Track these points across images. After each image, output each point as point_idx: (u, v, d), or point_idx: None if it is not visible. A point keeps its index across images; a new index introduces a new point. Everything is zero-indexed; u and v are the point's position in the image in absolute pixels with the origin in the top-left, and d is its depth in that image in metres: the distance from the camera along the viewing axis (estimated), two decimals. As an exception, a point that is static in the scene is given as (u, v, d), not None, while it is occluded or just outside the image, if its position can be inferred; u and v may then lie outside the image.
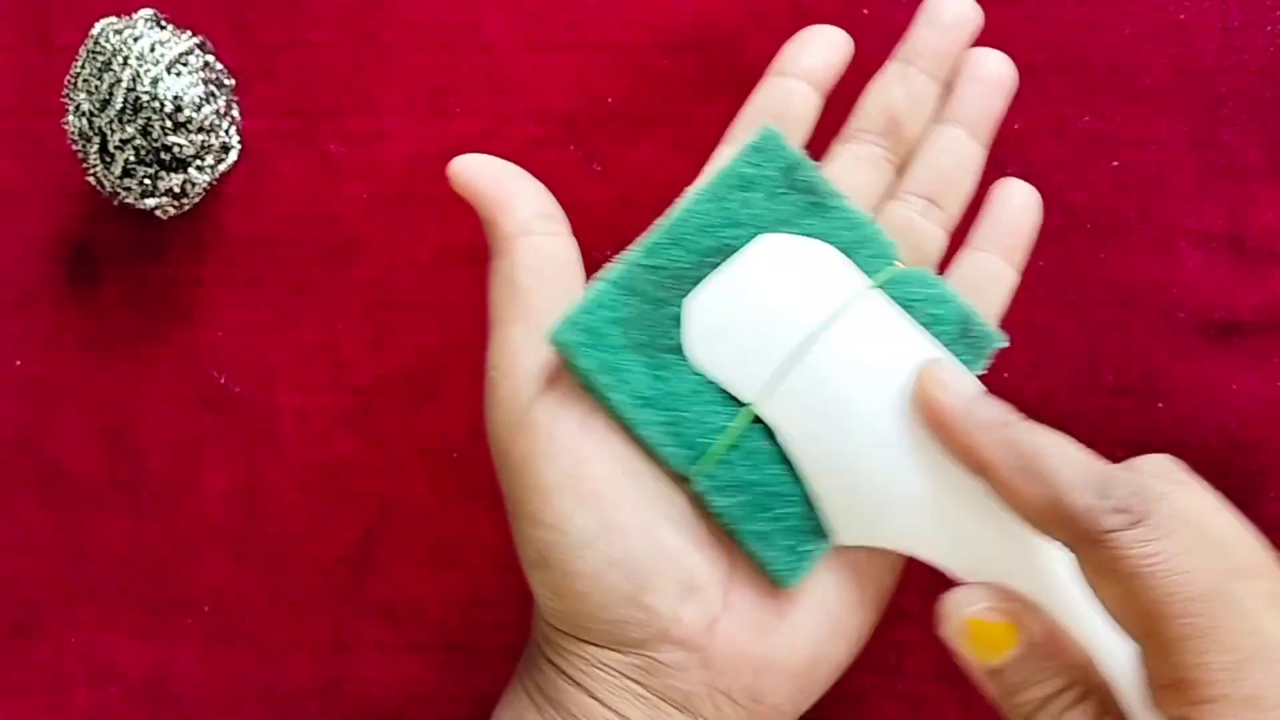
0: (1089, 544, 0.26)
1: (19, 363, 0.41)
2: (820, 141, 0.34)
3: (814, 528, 0.31)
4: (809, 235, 0.32)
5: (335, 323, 0.40)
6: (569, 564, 0.30)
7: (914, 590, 0.32)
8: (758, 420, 0.31)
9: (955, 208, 0.34)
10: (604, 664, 0.31)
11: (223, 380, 0.40)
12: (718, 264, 0.31)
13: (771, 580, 0.31)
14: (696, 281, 0.31)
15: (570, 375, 0.31)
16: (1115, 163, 0.38)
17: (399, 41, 0.40)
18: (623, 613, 0.30)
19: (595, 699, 0.30)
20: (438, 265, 0.40)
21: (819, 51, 0.34)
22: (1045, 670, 0.27)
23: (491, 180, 0.32)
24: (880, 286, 0.32)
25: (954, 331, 0.31)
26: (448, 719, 0.39)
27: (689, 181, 0.33)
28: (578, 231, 0.34)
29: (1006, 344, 0.32)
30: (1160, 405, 0.37)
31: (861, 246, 0.32)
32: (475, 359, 0.32)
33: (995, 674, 0.28)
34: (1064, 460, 0.27)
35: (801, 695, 0.31)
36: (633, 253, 0.32)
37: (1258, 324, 0.37)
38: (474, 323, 0.33)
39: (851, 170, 0.34)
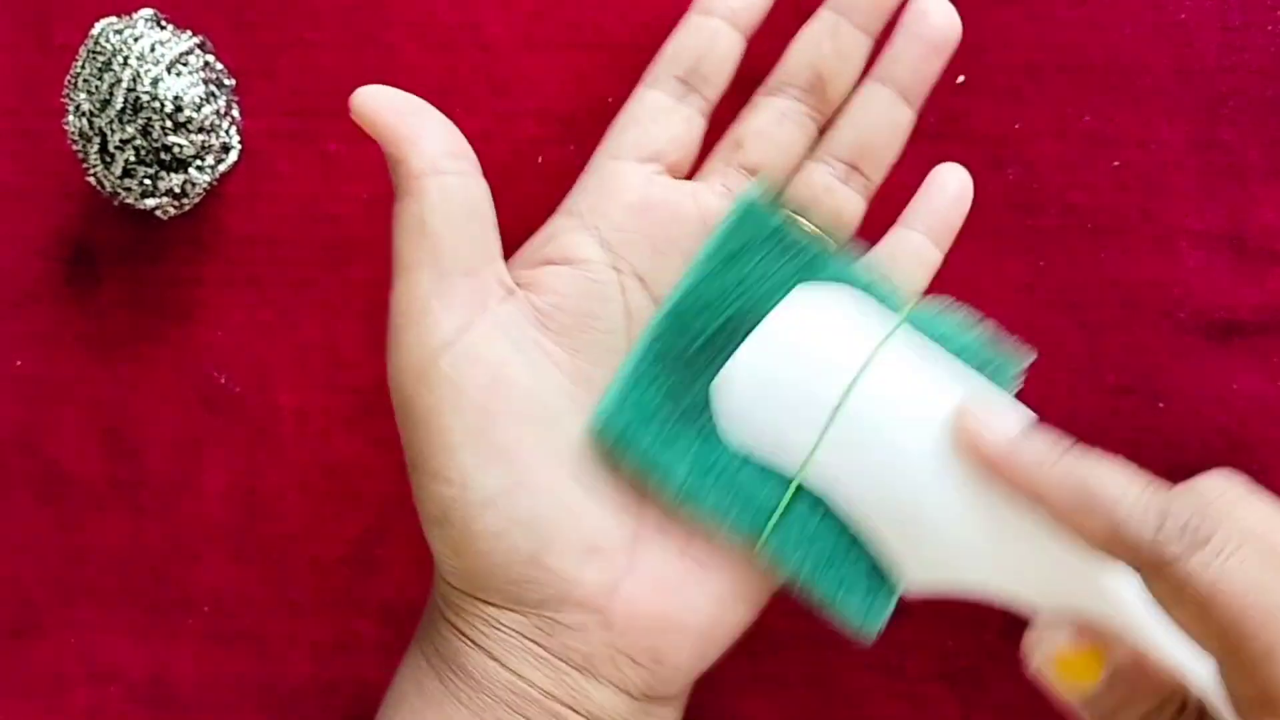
0: (1155, 571, 0.25)
1: (19, 363, 0.41)
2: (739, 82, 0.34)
3: (884, 576, 0.31)
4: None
5: (335, 323, 0.40)
6: (471, 522, 0.29)
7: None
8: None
9: (878, 175, 0.34)
10: (504, 625, 0.30)
11: (223, 380, 0.40)
12: (727, 341, 0.31)
13: (854, 635, 0.31)
14: (711, 361, 0.31)
15: (482, 327, 0.30)
16: (1115, 163, 0.38)
17: (399, 41, 0.40)
18: (524, 573, 0.30)
19: (495, 660, 0.30)
20: (438, 265, 0.40)
21: None
22: (1137, 691, 0.27)
23: (397, 113, 0.30)
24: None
25: (981, 358, 0.31)
26: (448, 719, 0.39)
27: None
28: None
29: (1034, 358, 0.32)
30: (1160, 405, 0.37)
31: (873, 289, 0.32)
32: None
33: (1089, 703, 0.27)
34: (1120, 489, 0.26)
35: (702, 656, 0.31)
36: (642, 339, 0.31)
37: (1258, 324, 0.37)
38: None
39: (773, 126, 0.33)
